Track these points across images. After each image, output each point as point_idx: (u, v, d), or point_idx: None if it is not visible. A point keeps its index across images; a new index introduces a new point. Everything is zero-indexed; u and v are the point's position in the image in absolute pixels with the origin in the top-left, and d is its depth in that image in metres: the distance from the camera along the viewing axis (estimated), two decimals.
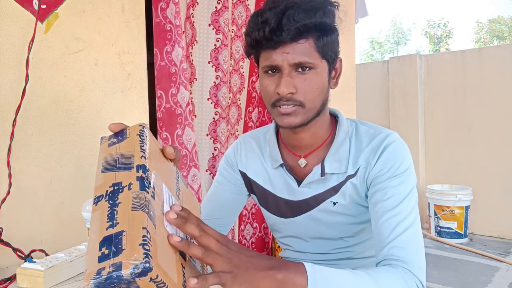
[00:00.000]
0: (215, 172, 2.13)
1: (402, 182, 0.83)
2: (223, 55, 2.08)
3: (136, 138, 0.63)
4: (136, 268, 0.46)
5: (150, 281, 0.47)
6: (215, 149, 2.13)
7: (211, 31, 2.05)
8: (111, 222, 0.51)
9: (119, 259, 0.46)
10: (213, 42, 2.06)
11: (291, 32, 0.77)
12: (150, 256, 0.47)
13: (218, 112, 2.11)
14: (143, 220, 0.50)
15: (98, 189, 0.57)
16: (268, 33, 0.77)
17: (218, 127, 2.12)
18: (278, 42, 0.78)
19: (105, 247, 0.48)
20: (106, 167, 0.60)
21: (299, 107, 0.82)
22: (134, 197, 0.53)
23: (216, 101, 2.09)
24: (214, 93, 2.08)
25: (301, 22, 0.76)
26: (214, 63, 2.07)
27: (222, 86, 2.10)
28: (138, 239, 0.48)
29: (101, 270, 0.46)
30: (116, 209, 0.52)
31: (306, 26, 0.77)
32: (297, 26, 0.76)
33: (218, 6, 2.06)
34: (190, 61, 2.00)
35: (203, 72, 2.05)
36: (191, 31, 1.99)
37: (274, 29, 0.77)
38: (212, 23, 2.05)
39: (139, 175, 0.57)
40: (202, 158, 2.11)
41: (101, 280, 0.45)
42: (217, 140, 2.12)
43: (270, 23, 0.77)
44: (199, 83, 2.04)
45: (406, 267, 0.73)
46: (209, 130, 2.10)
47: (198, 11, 2.01)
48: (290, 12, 0.76)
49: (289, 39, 0.77)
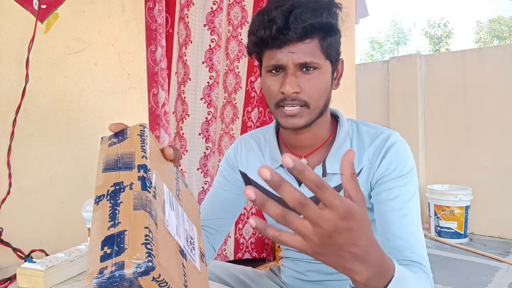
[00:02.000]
0: (206, 171, 2.15)
1: (408, 182, 0.83)
2: (217, 55, 2.11)
3: (137, 138, 0.63)
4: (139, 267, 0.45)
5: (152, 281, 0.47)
6: (207, 148, 2.16)
7: (206, 32, 2.07)
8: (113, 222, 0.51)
9: (121, 258, 0.46)
10: (208, 42, 2.08)
11: (298, 31, 0.76)
12: (152, 255, 0.47)
13: (211, 112, 2.13)
14: (144, 220, 0.50)
15: (99, 189, 0.57)
16: (275, 31, 0.77)
17: (210, 127, 2.15)
18: (284, 41, 0.78)
19: (107, 246, 0.48)
20: (107, 167, 0.60)
21: (303, 107, 0.82)
22: (136, 196, 0.53)
23: (210, 101, 2.12)
24: (207, 93, 2.10)
25: (308, 21, 0.76)
26: (208, 64, 2.09)
27: (216, 87, 2.13)
28: (141, 238, 0.48)
29: (104, 270, 0.45)
30: (117, 208, 0.52)
31: (313, 25, 0.77)
32: (304, 26, 0.76)
33: (213, 7, 2.07)
34: (184, 61, 2.02)
35: (197, 72, 2.07)
36: (185, 31, 2.00)
37: (281, 27, 0.77)
38: (207, 24, 2.07)
39: (141, 175, 0.57)
40: (194, 157, 2.14)
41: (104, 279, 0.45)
42: (209, 139, 2.15)
43: (277, 21, 0.77)
44: (192, 83, 2.06)
45: (423, 269, 0.76)
46: (202, 129, 2.13)
47: (193, 12, 2.02)
48: (297, 11, 0.76)
49: (296, 38, 0.77)
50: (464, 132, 3.96)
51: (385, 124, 4.28)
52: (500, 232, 3.76)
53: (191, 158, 2.11)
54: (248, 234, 2.41)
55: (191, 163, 2.12)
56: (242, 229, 2.39)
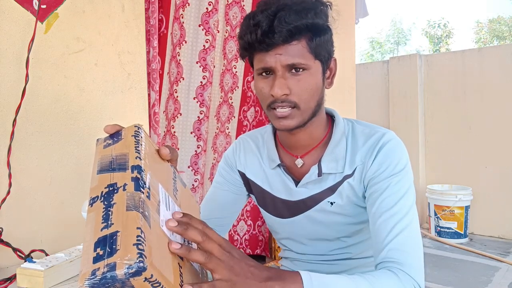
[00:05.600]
0: (197, 169, 2.18)
1: (399, 181, 0.83)
2: (211, 56, 2.12)
3: (131, 139, 0.64)
4: (130, 268, 0.46)
5: (144, 281, 0.47)
6: (198, 147, 2.19)
7: (200, 32, 2.08)
8: (106, 223, 0.51)
9: (113, 259, 0.46)
10: (202, 43, 2.10)
11: (283, 34, 0.77)
12: (144, 255, 0.47)
13: (203, 111, 2.15)
14: (137, 220, 0.51)
15: (93, 191, 0.58)
16: (260, 35, 0.78)
17: (202, 126, 2.17)
18: (270, 45, 0.78)
19: (99, 248, 0.48)
20: (101, 169, 0.60)
21: (294, 109, 0.82)
22: (129, 197, 0.54)
23: (202, 100, 2.14)
24: (200, 93, 2.12)
25: (293, 23, 0.77)
26: (202, 64, 2.11)
27: (208, 87, 2.15)
28: (132, 239, 0.48)
29: (96, 271, 0.46)
30: (111, 209, 0.53)
31: (298, 27, 0.77)
32: (289, 28, 0.77)
33: (209, 8, 2.09)
34: (177, 61, 2.03)
35: (190, 71, 2.09)
36: (180, 31, 2.02)
37: (266, 31, 0.77)
38: (202, 24, 2.08)
39: (134, 176, 0.57)
40: (185, 155, 2.17)
41: (96, 280, 0.46)
42: (200, 138, 2.17)
43: (262, 25, 0.77)
44: (186, 82, 2.08)
45: (403, 269, 0.73)
46: (193, 128, 2.15)
47: (188, 12, 2.03)
48: (281, 14, 0.77)
49: (281, 41, 0.78)
50: (464, 132, 3.96)
51: (385, 124, 4.28)
52: (500, 232, 3.76)
53: (182, 156, 2.15)
54: (242, 231, 2.46)
55: (182, 161, 2.15)
56: (237, 226, 2.44)
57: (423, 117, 4.24)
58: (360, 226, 0.94)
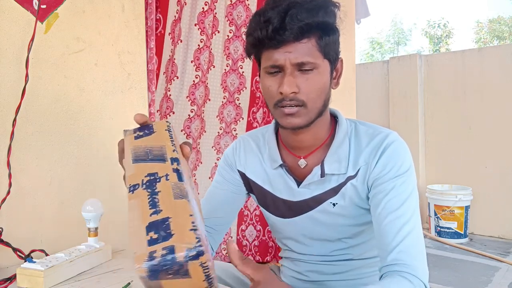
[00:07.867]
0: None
1: (404, 182, 0.82)
2: (204, 55, 2.13)
3: (165, 133, 0.68)
4: (190, 251, 0.48)
5: (199, 265, 0.49)
6: None
7: (196, 31, 2.09)
8: (155, 209, 0.53)
9: (169, 243, 0.49)
10: (197, 42, 2.10)
11: (294, 31, 0.76)
12: (201, 241, 0.50)
13: (193, 110, 2.16)
14: (187, 208, 0.54)
15: (131, 178, 0.60)
16: (271, 32, 0.77)
17: (192, 124, 2.17)
18: (281, 41, 0.78)
19: (152, 232, 0.50)
20: (137, 158, 0.63)
21: (301, 107, 0.81)
22: (174, 187, 0.57)
23: (194, 99, 2.15)
24: (192, 91, 2.13)
25: (304, 21, 0.76)
26: (195, 63, 2.11)
27: (201, 86, 2.15)
28: (188, 225, 0.51)
29: (153, 253, 0.48)
30: (156, 197, 0.55)
31: (309, 25, 0.77)
32: (300, 25, 0.76)
33: (205, 8, 2.09)
34: (172, 60, 2.04)
35: (184, 70, 2.09)
36: (177, 31, 2.02)
37: (277, 28, 0.77)
38: (198, 23, 2.08)
39: (175, 167, 0.61)
40: None
41: (155, 262, 0.48)
42: (190, 136, 2.18)
43: (273, 22, 0.77)
44: (179, 81, 2.09)
45: (412, 273, 0.74)
46: (184, 126, 2.16)
47: (185, 11, 2.03)
48: (293, 11, 0.76)
49: (292, 38, 0.77)
50: (464, 132, 3.96)
51: (385, 124, 4.28)
52: (500, 232, 3.76)
53: None
54: (252, 237, 2.38)
55: None
56: (245, 230, 2.37)
57: (423, 117, 4.24)
58: (362, 228, 0.93)
